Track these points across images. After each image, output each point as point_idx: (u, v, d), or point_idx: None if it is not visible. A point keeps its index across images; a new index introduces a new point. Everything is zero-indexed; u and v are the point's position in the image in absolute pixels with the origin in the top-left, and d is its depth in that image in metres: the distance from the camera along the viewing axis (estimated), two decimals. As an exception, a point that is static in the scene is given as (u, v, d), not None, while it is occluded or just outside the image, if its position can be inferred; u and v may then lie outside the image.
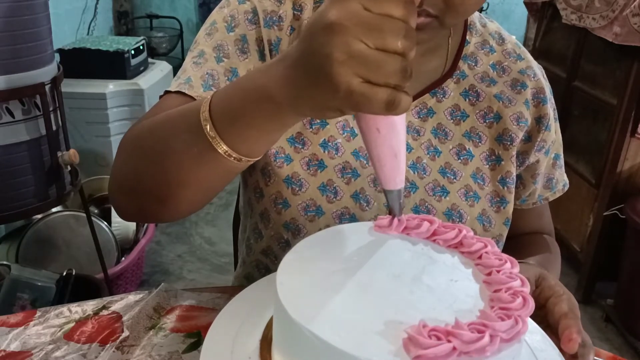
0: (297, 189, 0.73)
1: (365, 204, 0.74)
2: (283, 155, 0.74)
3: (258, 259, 0.81)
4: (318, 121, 0.74)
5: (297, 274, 0.48)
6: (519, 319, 0.42)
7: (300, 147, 0.74)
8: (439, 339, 0.39)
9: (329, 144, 0.74)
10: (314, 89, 0.44)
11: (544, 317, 0.59)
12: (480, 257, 0.52)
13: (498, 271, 0.49)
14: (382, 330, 0.41)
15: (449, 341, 0.39)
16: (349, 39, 0.40)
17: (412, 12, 0.42)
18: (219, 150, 0.52)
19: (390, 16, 0.41)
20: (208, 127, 0.52)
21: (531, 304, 0.45)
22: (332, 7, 0.41)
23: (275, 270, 0.79)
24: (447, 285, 0.48)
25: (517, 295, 0.45)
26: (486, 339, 0.39)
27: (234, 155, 0.53)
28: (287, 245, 0.76)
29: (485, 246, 0.53)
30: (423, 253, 0.52)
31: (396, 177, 0.49)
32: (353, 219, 0.74)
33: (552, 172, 0.86)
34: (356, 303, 0.45)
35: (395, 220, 0.55)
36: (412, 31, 0.41)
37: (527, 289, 0.46)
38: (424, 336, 0.39)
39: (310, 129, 0.74)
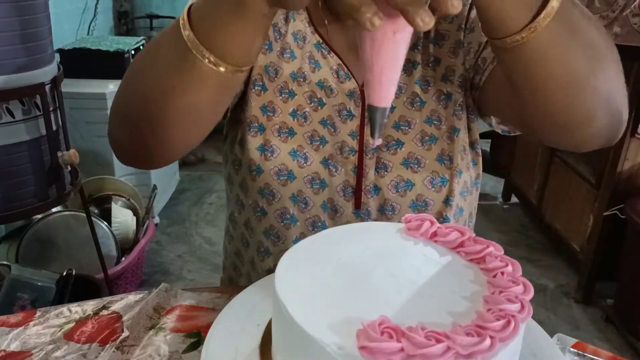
0: (270, 154, 0.77)
1: (333, 170, 0.78)
2: (257, 125, 0.78)
3: (242, 232, 0.84)
4: (287, 90, 0.78)
5: (296, 273, 0.48)
6: (484, 335, 0.41)
7: (271, 115, 0.78)
8: (390, 336, 0.40)
9: (298, 112, 0.78)
10: None
11: None
12: (494, 276, 0.50)
13: (500, 292, 0.47)
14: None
15: (398, 341, 0.39)
16: None
17: None
18: (196, 54, 0.51)
19: None
20: (185, 30, 0.51)
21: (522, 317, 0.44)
22: None
23: (254, 246, 0.79)
24: (446, 294, 0.47)
25: (505, 316, 0.43)
26: (437, 348, 0.39)
27: (211, 58, 0.51)
28: (262, 215, 0.80)
29: (507, 265, 0.51)
30: (432, 259, 0.52)
31: (387, 94, 0.48)
32: (323, 183, 0.78)
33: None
34: (355, 304, 0.45)
35: (427, 224, 0.55)
36: None
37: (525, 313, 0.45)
38: (377, 333, 0.40)
39: (280, 97, 0.78)
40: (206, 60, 0.51)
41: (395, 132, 0.78)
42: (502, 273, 0.49)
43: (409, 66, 0.79)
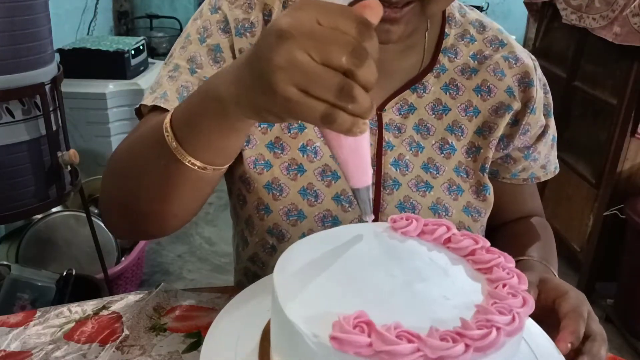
0: (278, 194, 0.73)
1: (347, 205, 0.74)
2: (263, 162, 0.74)
3: (246, 266, 0.81)
4: (296, 125, 0.74)
5: (295, 273, 0.48)
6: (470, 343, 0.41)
7: (280, 152, 0.74)
8: (362, 330, 0.40)
9: (308, 147, 0.74)
10: (255, 91, 0.44)
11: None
12: (496, 287, 0.49)
13: (494, 303, 0.46)
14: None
15: (368, 336, 0.40)
16: (294, 48, 0.40)
17: (366, 32, 0.41)
18: (184, 161, 0.53)
19: (342, 32, 0.40)
20: (169, 138, 0.53)
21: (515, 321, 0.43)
22: (287, 15, 0.42)
23: (263, 276, 0.79)
24: (438, 299, 0.47)
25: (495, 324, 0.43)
26: (405, 347, 0.39)
27: (197, 164, 0.54)
28: (273, 251, 0.76)
29: (512, 277, 0.49)
30: (438, 264, 0.52)
31: (360, 175, 0.48)
32: (335, 221, 0.74)
33: (550, 153, 0.86)
34: (348, 303, 0.44)
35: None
36: (362, 50, 0.40)
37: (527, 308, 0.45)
38: (350, 326, 0.40)
39: (289, 134, 0.74)
40: (196, 167, 0.54)
41: (425, 173, 0.76)
42: (504, 285, 0.48)
43: (438, 109, 0.77)
